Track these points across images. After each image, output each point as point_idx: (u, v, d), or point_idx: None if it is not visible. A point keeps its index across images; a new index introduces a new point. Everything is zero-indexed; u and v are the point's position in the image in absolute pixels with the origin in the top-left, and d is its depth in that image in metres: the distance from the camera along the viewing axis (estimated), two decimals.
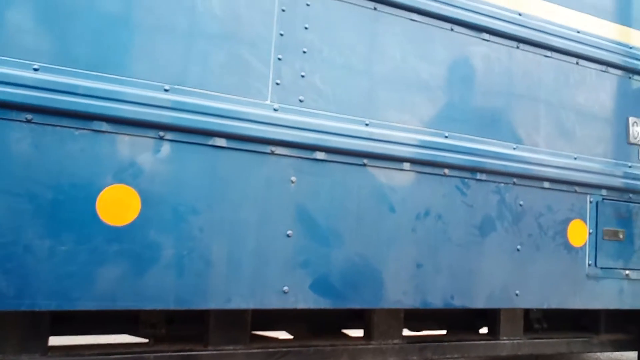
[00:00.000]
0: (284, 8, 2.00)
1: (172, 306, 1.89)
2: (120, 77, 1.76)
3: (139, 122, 1.76)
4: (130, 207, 1.78)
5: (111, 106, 1.72)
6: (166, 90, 1.81)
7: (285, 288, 2.02)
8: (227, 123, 1.89)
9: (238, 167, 1.93)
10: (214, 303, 1.94)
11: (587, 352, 3.09)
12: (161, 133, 1.80)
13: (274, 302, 2.02)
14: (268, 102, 1.98)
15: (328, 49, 2.09)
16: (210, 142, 1.88)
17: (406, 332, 2.63)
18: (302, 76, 2.04)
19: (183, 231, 1.85)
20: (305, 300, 2.07)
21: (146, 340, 2.13)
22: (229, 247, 1.93)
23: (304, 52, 2.04)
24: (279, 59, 1.99)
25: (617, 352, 3.38)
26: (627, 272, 2.83)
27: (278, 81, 1.99)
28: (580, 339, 3.08)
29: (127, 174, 1.77)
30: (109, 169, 1.74)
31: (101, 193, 1.73)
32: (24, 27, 1.66)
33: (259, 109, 1.96)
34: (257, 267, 1.98)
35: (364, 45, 2.17)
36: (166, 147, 1.81)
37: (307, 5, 2.05)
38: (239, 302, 1.97)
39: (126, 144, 1.76)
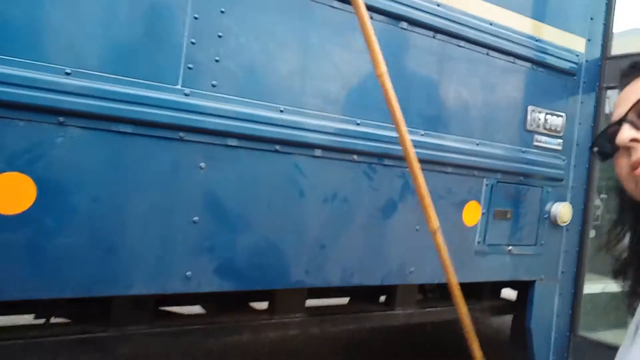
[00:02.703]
0: None
1: (69, 294, 1.88)
2: (16, 59, 1.62)
3: (36, 107, 1.66)
4: (25, 195, 1.71)
5: (5, 90, 1.61)
6: (67, 74, 1.70)
7: (189, 273, 2.05)
8: (133, 109, 1.82)
9: (144, 153, 1.89)
10: (114, 290, 1.94)
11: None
12: (61, 119, 1.71)
13: (176, 287, 2.05)
14: (179, 86, 1.92)
15: (245, 34, 2.04)
16: (115, 128, 1.81)
17: (310, 302, 2.78)
18: (217, 61, 1.99)
19: (82, 219, 1.81)
20: (209, 284, 2.12)
21: (42, 321, 2.11)
22: (132, 234, 1.92)
23: (219, 36, 1.98)
24: (192, 42, 1.92)
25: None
26: (510, 247, 3.12)
27: (190, 65, 1.93)
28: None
29: (22, 161, 1.68)
30: (1, 157, 1.64)
31: None
32: None
33: (169, 94, 1.90)
34: (161, 254, 1.99)
35: (282, 31, 2.14)
36: (66, 133, 1.73)
37: None
38: (140, 288, 1.99)
39: (21, 130, 1.66)
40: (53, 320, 2.16)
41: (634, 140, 0.86)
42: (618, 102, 0.93)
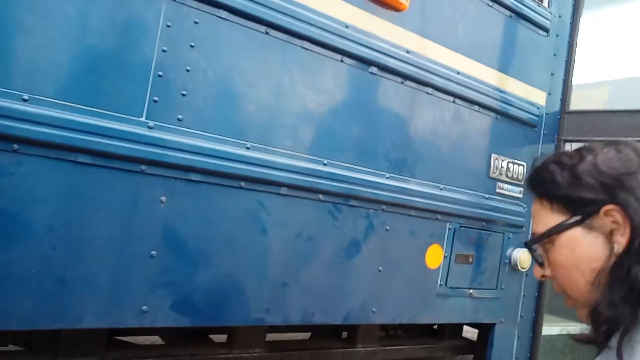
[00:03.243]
0: (169, 24, 1.81)
1: (14, 327, 1.70)
2: None
3: None
4: None
5: None
6: (25, 100, 1.57)
7: (144, 307, 1.89)
8: (93, 139, 1.69)
9: (103, 185, 1.75)
10: (63, 323, 1.77)
11: (432, 356, 3.30)
12: (15, 146, 1.57)
13: (130, 322, 1.88)
14: (143, 119, 1.80)
15: (214, 70, 1.94)
16: (72, 158, 1.67)
17: (270, 336, 2.62)
18: (183, 95, 1.88)
19: (33, 249, 1.65)
20: (165, 319, 1.96)
21: None
22: (85, 266, 1.76)
23: (187, 70, 1.87)
24: (159, 75, 1.81)
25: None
26: (471, 291, 3.01)
27: (156, 98, 1.82)
28: (427, 346, 3.27)
29: None
30: None
31: None
32: None
33: (132, 126, 1.77)
34: (115, 287, 1.83)
35: (252, 68, 2.05)
36: (19, 161, 1.59)
37: (196, 22, 1.87)
38: (91, 322, 1.81)
39: None
40: None
41: (543, 276, 1.01)
42: (532, 213, 1.03)
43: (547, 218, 0.96)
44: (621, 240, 0.88)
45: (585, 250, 0.91)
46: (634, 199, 0.88)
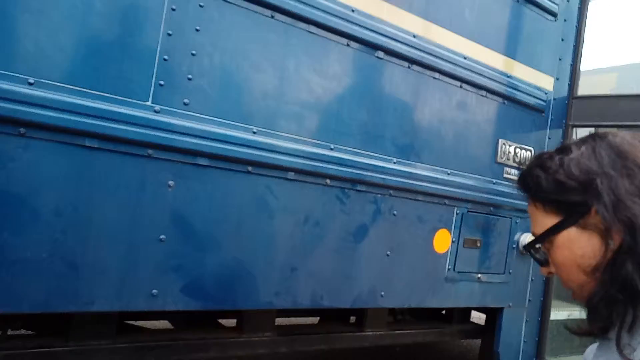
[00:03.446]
0: (174, 7, 1.75)
1: (26, 309, 1.68)
2: None
3: None
4: None
5: None
6: (31, 84, 1.53)
7: (155, 291, 1.86)
8: (100, 123, 1.65)
9: (110, 169, 1.71)
10: (74, 306, 1.74)
11: (440, 340, 3.25)
12: (22, 130, 1.53)
13: (140, 305, 1.85)
14: (149, 103, 1.76)
15: (219, 54, 1.89)
16: (80, 142, 1.63)
17: (280, 320, 2.58)
18: (189, 79, 1.83)
19: (42, 232, 1.62)
20: (175, 302, 1.92)
21: None
22: (95, 250, 1.73)
23: (193, 54, 1.82)
24: (165, 59, 1.76)
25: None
26: (479, 275, 2.95)
27: (162, 82, 1.77)
28: (435, 330, 3.22)
29: None
30: None
31: None
32: None
33: (138, 110, 1.73)
34: (125, 271, 1.79)
35: (258, 52, 1.99)
36: (26, 145, 1.55)
37: (200, 6, 1.81)
38: (102, 305, 1.78)
39: None
40: (10, 332, 1.95)
41: (550, 273, 1.00)
42: (529, 213, 1.01)
43: (542, 220, 0.96)
44: (616, 237, 0.86)
45: (582, 249, 0.90)
46: (609, 198, 0.86)
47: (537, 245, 1.00)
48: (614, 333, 0.86)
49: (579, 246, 0.91)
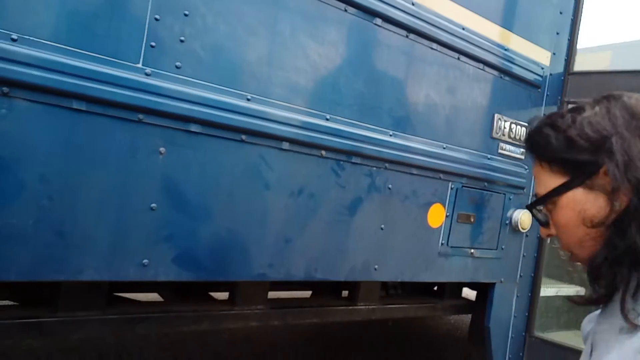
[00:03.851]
0: None
1: (13, 278, 1.61)
2: None
3: None
4: None
5: None
6: (14, 40, 1.45)
7: (145, 261, 1.80)
8: (88, 85, 1.57)
9: (99, 133, 1.64)
10: (62, 275, 1.68)
11: (432, 315, 3.26)
12: (5, 89, 1.45)
13: (131, 275, 1.80)
14: (139, 65, 1.67)
15: (213, 15, 1.80)
16: (67, 104, 1.56)
17: (272, 294, 2.55)
18: (182, 41, 1.75)
19: (28, 198, 1.55)
20: (166, 273, 1.87)
21: None
22: (84, 218, 1.66)
23: (186, 14, 1.74)
24: (156, 19, 1.68)
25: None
26: (472, 250, 2.94)
27: (153, 44, 1.69)
28: (427, 305, 3.22)
29: None
30: None
31: None
32: None
33: (129, 72, 1.65)
34: (115, 240, 1.73)
35: (253, 15, 1.91)
36: (11, 105, 1.47)
37: None
38: (92, 274, 1.72)
39: None
40: None
41: (549, 235, 1.00)
42: (533, 174, 1.02)
43: (547, 180, 0.95)
44: (623, 199, 0.86)
45: (587, 210, 0.90)
46: (622, 158, 0.85)
47: (539, 207, 0.99)
48: (618, 298, 0.84)
49: (584, 207, 0.90)
